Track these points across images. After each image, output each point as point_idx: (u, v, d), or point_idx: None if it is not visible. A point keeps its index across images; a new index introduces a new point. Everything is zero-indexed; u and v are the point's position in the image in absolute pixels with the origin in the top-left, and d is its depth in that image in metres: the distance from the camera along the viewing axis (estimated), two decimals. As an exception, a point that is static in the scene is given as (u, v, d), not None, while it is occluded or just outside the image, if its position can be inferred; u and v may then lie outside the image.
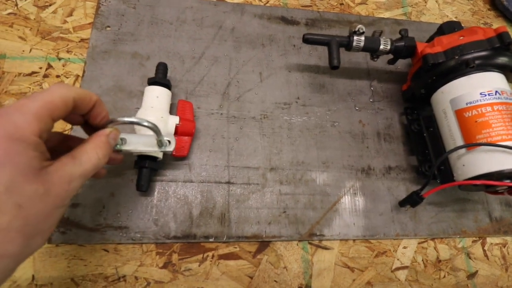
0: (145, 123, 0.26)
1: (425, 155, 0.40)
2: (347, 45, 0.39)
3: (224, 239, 0.35)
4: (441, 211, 0.41)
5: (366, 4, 0.53)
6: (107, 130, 0.24)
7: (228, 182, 0.37)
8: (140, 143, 0.30)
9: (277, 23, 0.47)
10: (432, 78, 0.37)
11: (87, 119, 0.25)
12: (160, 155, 0.33)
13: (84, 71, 0.39)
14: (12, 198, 0.17)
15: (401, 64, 0.47)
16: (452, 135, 0.35)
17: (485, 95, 0.34)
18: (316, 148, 0.41)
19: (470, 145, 0.33)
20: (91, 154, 0.22)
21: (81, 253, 0.33)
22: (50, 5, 0.42)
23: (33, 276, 0.31)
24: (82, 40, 0.41)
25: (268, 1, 0.49)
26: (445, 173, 0.37)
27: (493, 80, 0.35)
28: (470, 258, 0.40)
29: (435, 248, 0.40)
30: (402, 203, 0.38)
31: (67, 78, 0.39)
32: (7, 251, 0.17)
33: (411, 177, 0.41)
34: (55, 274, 0.32)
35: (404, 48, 0.39)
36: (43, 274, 0.31)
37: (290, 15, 0.48)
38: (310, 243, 0.37)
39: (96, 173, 0.28)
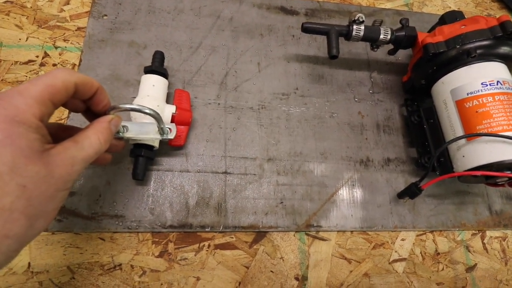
0: (147, 110, 0.27)
1: (425, 147, 0.39)
2: (347, 34, 0.38)
3: (221, 229, 0.35)
4: (440, 204, 0.40)
5: (367, -6, 0.52)
6: (109, 117, 0.25)
7: (225, 172, 0.37)
8: (142, 130, 0.30)
9: (276, 13, 0.46)
10: (432, 68, 0.37)
11: (89, 105, 0.25)
12: (156, 144, 0.33)
13: (80, 60, 0.39)
14: (15, 178, 0.17)
15: (402, 55, 0.47)
16: (452, 126, 0.35)
17: (487, 85, 0.33)
18: (314, 139, 0.40)
19: (471, 135, 0.32)
20: (93, 139, 0.22)
21: (77, 241, 0.33)
22: (47, -7, 0.42)
23: (29, 263, 0.31)
24: (78, 28, 0.41)
25: (267, -9, 0.48)
26: (445, 165, 0.36)
27: (494, 70, 0.34)
28: (469, 251, 0.40)
29: (433, 240, 0.39)
30: (401, 195, 0.38)
31: (64, 66, 0.39)
32: (11, 231, 0.17)
33: (410, 169, 0.41)
34: (51, 261, 0.32)
35: (405, 37, 0.38)
36: (39, 262, 0.31)
37: (289, 5, 0.47)
38: (307, 234, 0.37)
39: (102, 159, 0.28)
